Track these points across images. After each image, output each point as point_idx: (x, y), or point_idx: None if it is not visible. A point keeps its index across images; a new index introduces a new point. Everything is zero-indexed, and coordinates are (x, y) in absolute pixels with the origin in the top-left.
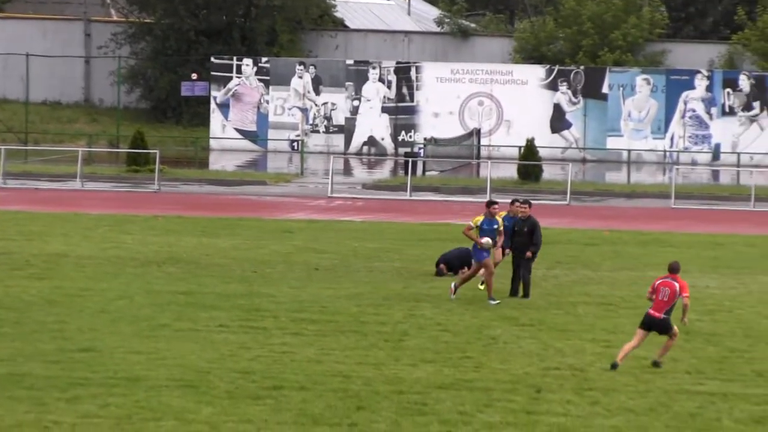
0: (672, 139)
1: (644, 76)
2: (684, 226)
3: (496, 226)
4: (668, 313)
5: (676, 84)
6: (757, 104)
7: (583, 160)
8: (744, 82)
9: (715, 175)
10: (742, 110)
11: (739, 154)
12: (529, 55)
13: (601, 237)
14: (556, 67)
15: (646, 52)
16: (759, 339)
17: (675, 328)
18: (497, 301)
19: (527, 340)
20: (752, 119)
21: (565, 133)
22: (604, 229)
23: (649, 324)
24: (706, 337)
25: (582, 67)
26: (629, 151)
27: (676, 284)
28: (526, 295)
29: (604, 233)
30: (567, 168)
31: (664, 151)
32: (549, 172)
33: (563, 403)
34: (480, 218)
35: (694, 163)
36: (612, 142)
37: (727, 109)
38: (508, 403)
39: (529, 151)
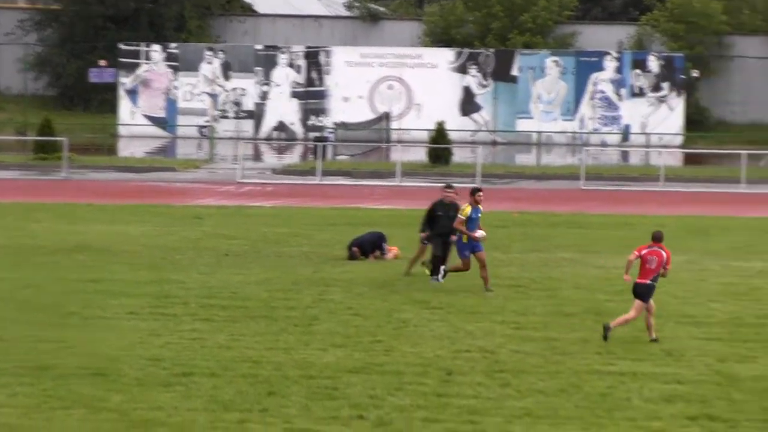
0: (582, 120)
1: (554, 58)
2: (594, 207)
3: (480, 214)
4: (655, 279)
5: (586, 66)
6: (666, 85)
7: (494, 143)
8: (653, 63)
9: (625, 155)
10: (651, 91)
11: (648, 134)
12: (438, 38)
13: (511, 219)
14: (466, 50)
15: (555, 35)
16: (668, 318)
17: (652, 302)
18: (440, 282)
19: (437, 323)
20: (661, 100)
21: (475, 115)
22: (514, 211)
23: (636, 290)
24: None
25: (492, 50)
26: (539, 133)
27: (664, 254)
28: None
29: (513, 215)
30: (477, 151)
31: (574, 132)
32: (459, 155)
33: (474, 386)
34: (468, 209)
35: (603, 144)
36: (522, 125)
37: (636, 90)
38: (418, 386)
39: (439, 134)
